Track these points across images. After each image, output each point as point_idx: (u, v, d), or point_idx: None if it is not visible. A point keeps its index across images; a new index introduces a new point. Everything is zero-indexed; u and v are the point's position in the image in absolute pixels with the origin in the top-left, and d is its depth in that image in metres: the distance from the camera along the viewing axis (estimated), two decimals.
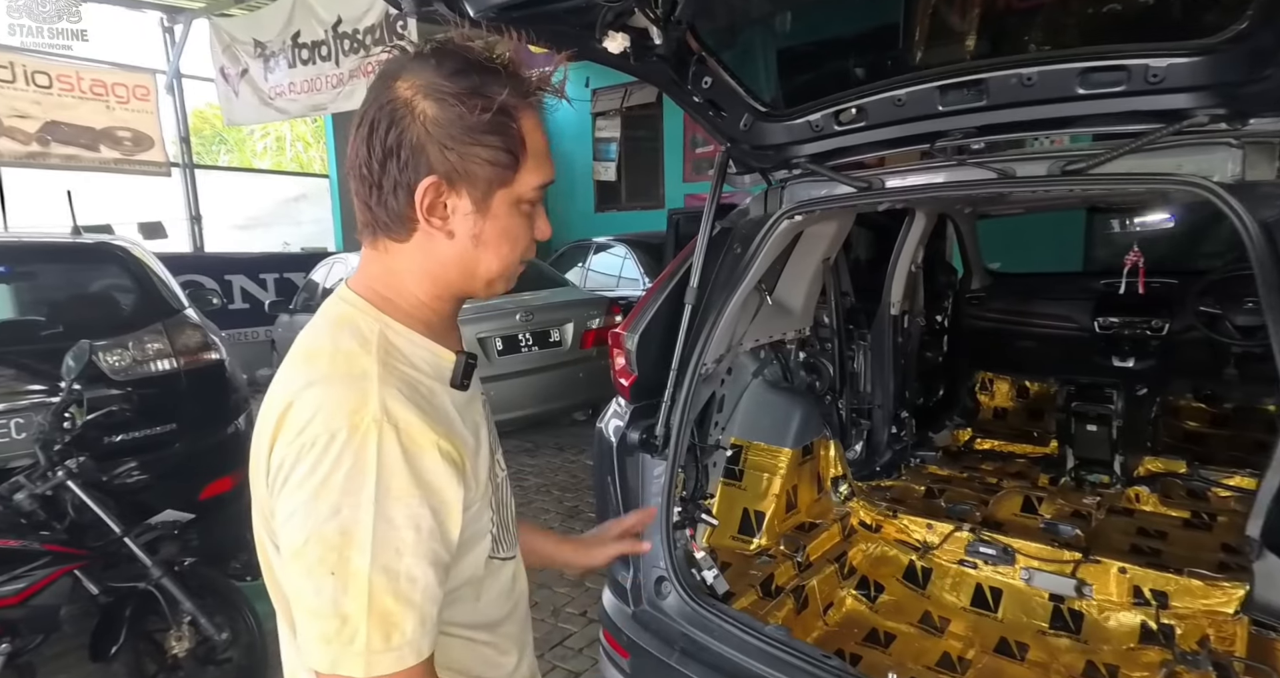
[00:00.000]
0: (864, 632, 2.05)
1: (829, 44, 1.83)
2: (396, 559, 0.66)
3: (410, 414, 0.69)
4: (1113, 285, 3.35)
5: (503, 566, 0.86)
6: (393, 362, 0.73)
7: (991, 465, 3.08)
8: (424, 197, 0.72)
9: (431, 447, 0.69)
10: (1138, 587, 1.97)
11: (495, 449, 0.89)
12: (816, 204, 1.78)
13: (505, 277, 0.81)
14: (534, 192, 0.77)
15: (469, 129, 0.71)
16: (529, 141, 0.75)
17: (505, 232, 0.77)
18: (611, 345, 1.88)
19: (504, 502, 0.87)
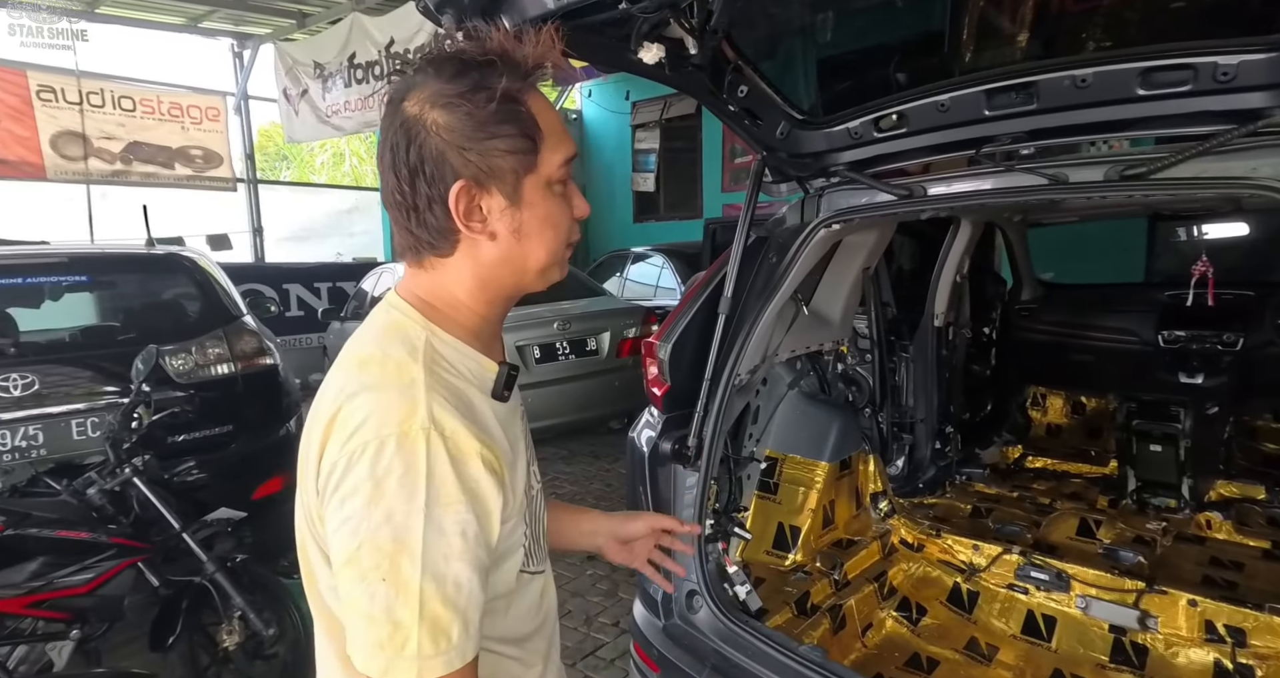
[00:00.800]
0: (905, 656, 1.98)
1: (868, 49, 1.80)
2: (445, 566, 0.67)
3: (456, 422, 0.69)
4: (1179, 297, 3.17)
5: (532, 580, 0.85)
6: (439, 370, 0.74)
7: (1044, 485, 2.95)
8: (458, 203, 0.72)
9: (475, 455, 0.69)
10: (1210, 622, 1.84)
11: (531, 462, 0.88)
12: (854, 212, 1.74)
13: (557, 263, 0.80)
14: (560, 169, 0.77)
15: (480, 125, 0.71)
16: (542, 121, 0.74)
17: (545, 218, 0.76)
18: (644, 355, 1.88)
19: (537, 515, 0.87)
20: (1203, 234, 3.71)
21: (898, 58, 1.68)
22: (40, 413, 2.94)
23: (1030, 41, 1.59)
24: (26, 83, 7.17)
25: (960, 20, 1.66)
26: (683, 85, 1.55)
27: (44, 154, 7.28)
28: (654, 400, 1.87)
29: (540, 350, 4.85)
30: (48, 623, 2.17)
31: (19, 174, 7.23)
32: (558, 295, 5.21)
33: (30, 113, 7.20)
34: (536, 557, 0.85)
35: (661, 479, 1.84)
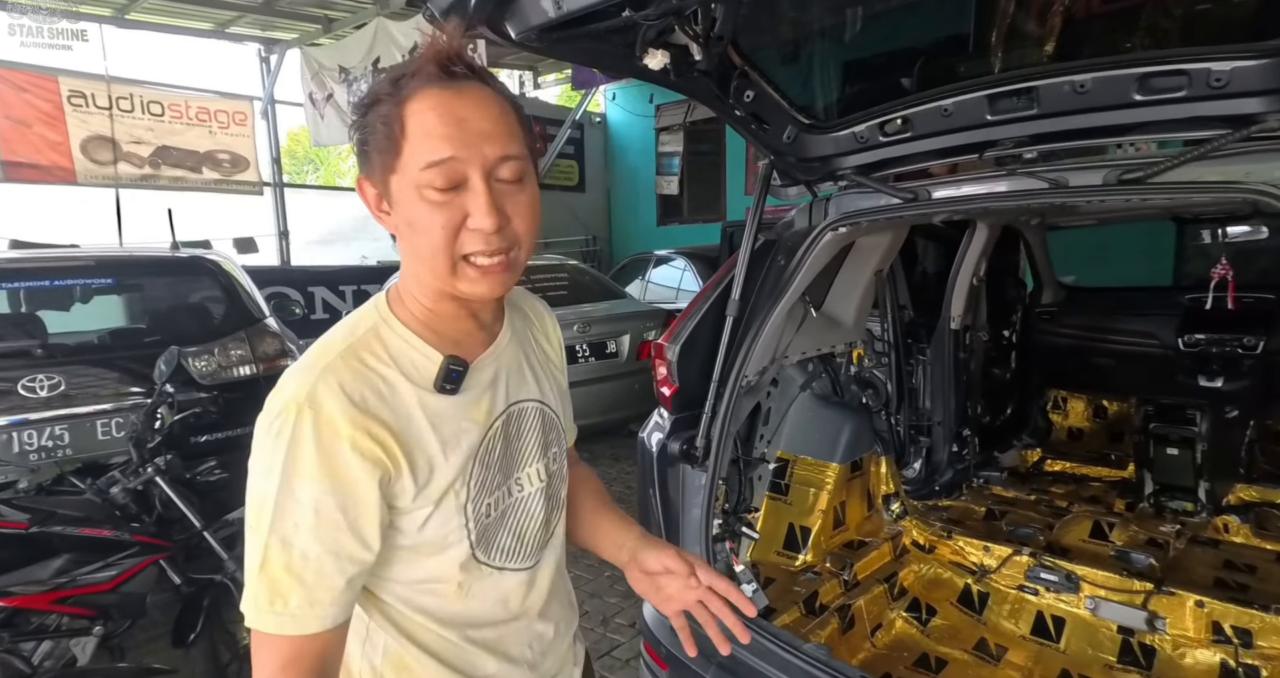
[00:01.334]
0: (914, 656, 1.99)
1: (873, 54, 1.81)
2: (294, 533, 0.72)
3: (337, 404, 0.73)
4: (1199, 300, 3.14)
5: (495, 574, 0.87)
6: (365, 354, 0.78)
7: (1062, 489, 2.93)
8: (362, 192, 0.80)
9: (344, 438, 0.72)
10: (1217, 623, 1.83)
11: (528, 464, 0.90)
12: (861, 216, 1.75)
13: (441, 267, 0.76)
14: (426, 173, 0.72)
15: (370, 122, 0.75)
16: (414, 122, 0.72)
17: (410, 222, 0.75)
18: (654, 356, 1.90)
19: (525, 512, 0.89)
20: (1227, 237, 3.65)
21: (902, 62, 1.69)
22: (67, 413, 3.02)
23: (1031, 47, 1.59)
24: (58, 88, 7.33)
25: (963, 26, 1.67)
26: (689, 91, 1.57)
27: (75, 158, 7.44)
28: (663, 401, 1.89)
29: None
30: (72, 619, 2.22)
31: (51, 178, 7.40)
32: (578, 298, 5.26)
33: (62, 118, 7.37)
34: (509, 553, 0.87)
35: (670, 480, 1.86)
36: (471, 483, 0.82)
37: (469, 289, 0.78)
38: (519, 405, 0.89)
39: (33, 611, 2.15)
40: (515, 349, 0.91)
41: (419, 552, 0.81)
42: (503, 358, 0.88)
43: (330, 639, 0.75)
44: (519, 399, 0.90)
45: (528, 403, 0.91)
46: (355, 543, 0.74)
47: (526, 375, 0.92)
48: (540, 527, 0.91)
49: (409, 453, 0.76)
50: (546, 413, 0.94)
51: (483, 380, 0.85)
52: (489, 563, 0.86)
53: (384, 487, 0.75)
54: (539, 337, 0.99)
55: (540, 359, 0.97)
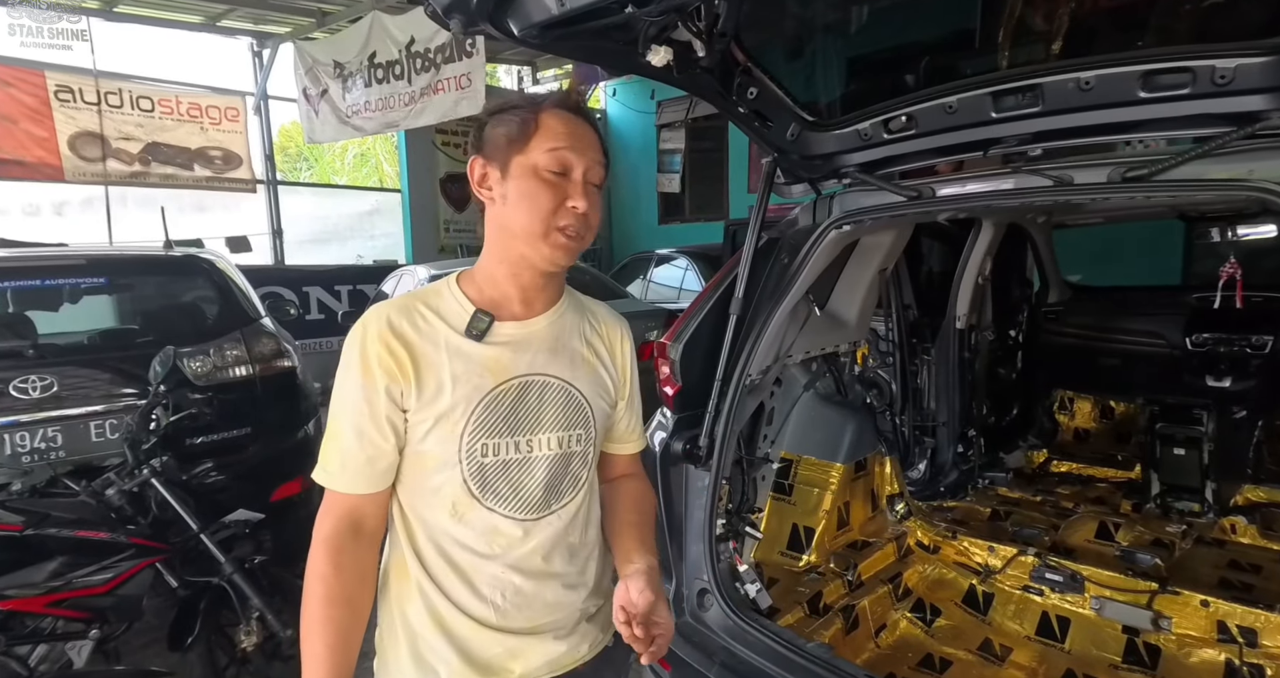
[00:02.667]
0: (919, 657, 1.97)
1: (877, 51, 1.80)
2: (340, 414, 0.98)
3: (378, 325, 0.97)
4: (1207, 300, 3.12)
5: (490, 514, 1.01)
6: (416, 299, 1.02)
7: (1068, 489, 2.92)
8: (472, 171, 1.02)
9: (374, 349, 0.96)
10: (1223, 622, 1.83)
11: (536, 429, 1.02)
12: (864, 214, 1.74)
13: (538, 234, 0.97)
14: (547, 155, 0.97)
15: (504, 118, 1.00)
16: (544, 126, 0.98)
17: (524, 192, 0.97)
18: (656, 355, 1.88)
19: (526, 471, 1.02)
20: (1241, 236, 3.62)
21: (906, 59, 1.67)
22: (59, 415, 2.97)
23: (1036, 44, 1.57)
24: (45, 83, 7.20)
25: (968, 22, 1.65)
26: (692, 87, 1.55)
27: (62, 155, 7.33)
28: (665, 401, 1.87)
29: None
30: (67, 622, 2.19)
31: (38, 176, 7.29)
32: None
33: (49, 113, 7.24)
34: (505, 499, 1.01)
35: (673, 480, 1.84)
36: (472, 418, 0.98)
37: (550, 253, 0.99)
38: (543, 377, 1.03)
39: (28, 614, 2.13)
40: (554, 331, 1.06)
41: (423, 463, 0.99)
42: (538, 331, 1.04)
43: (359, 503, 0.98)
44: (544, 372, 1.03)
45: (552, 379, 1.04)
46: (373, 428, 0.97)
47: (561, 357, 1.05)
48: (540, 490, 1.03)
49: (419, 371, 0.96)
50: (574, 395, 1.05)
51: (511, 341, 1.02)
52: (480, 500, 1.00)
53: (394, 394, 0.96)
54: (596, 338, 1.12)
55: (588, 354, 1.09)
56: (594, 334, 1.12)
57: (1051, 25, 1.53)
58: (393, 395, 0.96)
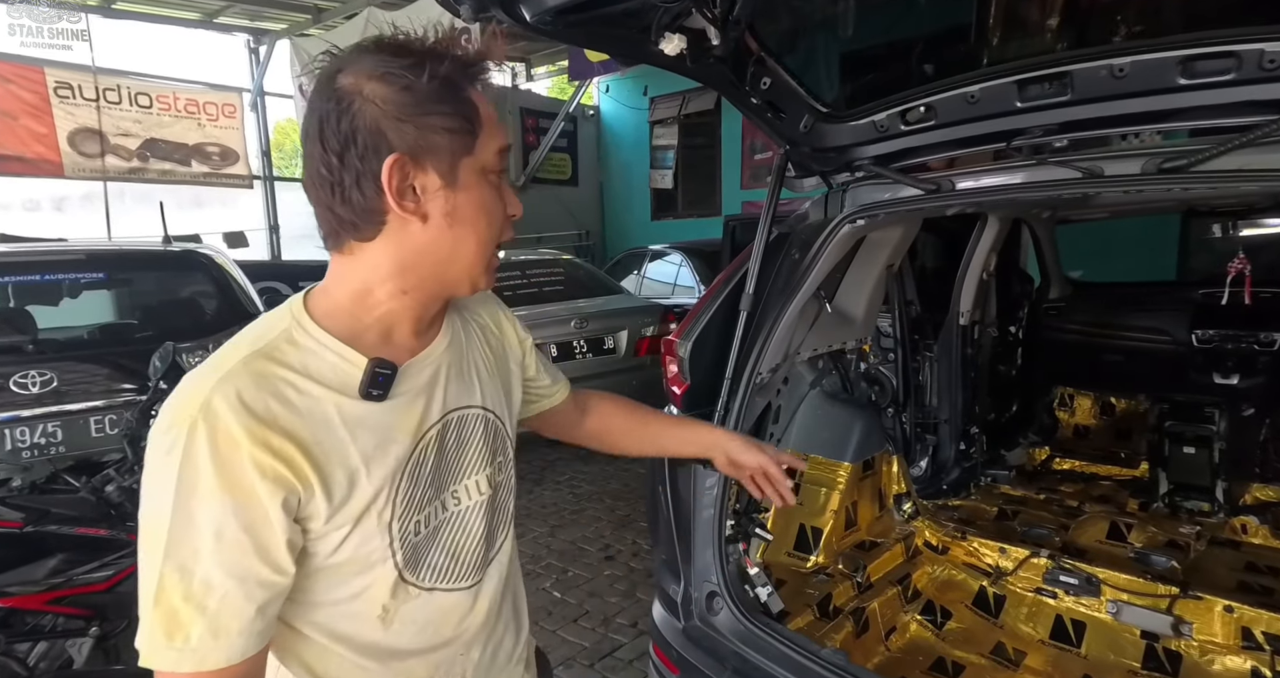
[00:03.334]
0: (930, 660, 1.94)
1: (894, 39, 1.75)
2: (193, 560, 0.65)
3: (235, 415, 0.66)
4: (1213, 296, 3.09)
5: (430, 595, 0.82)
6: (268, 360, 0.71)
7: (1072, 487, 2.88)
8: (390, 178, 0.70)
9: (244, 453, 0.66)
10: (1248, 629, 1.79)
11: (476, 471, 0.86)
12: (880, 208, 1.70)
13: (484, 260, 0.78)
14: (496, 158, 0.76)
15: (420, 100, 0.70)
16: (481, 110, 0.74)
17: (480, 205, 0.75)
18: (664, 353, 1.84)
19: (461, 528, 0.84)
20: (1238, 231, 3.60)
21: (925, 48, 1.63)
22: (59, 410, 2.95)
23: (1063, 29, 1.53)
24: (44, 79, 7.18)
25: (989, 7, 1.61)
26: (704, 78, 1.51)
27: (62, 151, 7.30)
28: (673, 399, 1.83)
29: (557, 349, 4.83)
30: (68, 620, 2.17)
31: (38, 172, 7.27)
32: (574, 293, 5.20)
33: (48, 110, 7.22)
34: (442, 572, 0.83)
35: (681, 480, 1.80)
36: (398, 499, 0.76)
37: (486, 281, 0.79)
38: (459, 413, 0.85)
39: (28, 611, 2.10)
40: (455, 352, 0.86)
41: (337, 573, 0.75)
42: (441, 361, 0.83)
43: (240, 674, 0.68)
44: (459, 406, 0.85)
45: (470, 410, 0.86)
46: (264, 567, 0.68)
47: (470, 380, 0.87)
48: (480, 544, 0.87)
49: (322, 469, 0.70)
50: (491, 420, 0.89)
51: (416, 385, 0.80)
52: (418, 584, 0.81)
53: (292, 507, 0.69)
54: (485, 335, 0.94)
55: (486, 361, 0.91)
56: (485, 331, 0.95)
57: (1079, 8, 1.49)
58: (289, 511, 0.69)
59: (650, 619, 1.94)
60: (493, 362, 0.93)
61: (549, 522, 4.13)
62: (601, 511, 4.29)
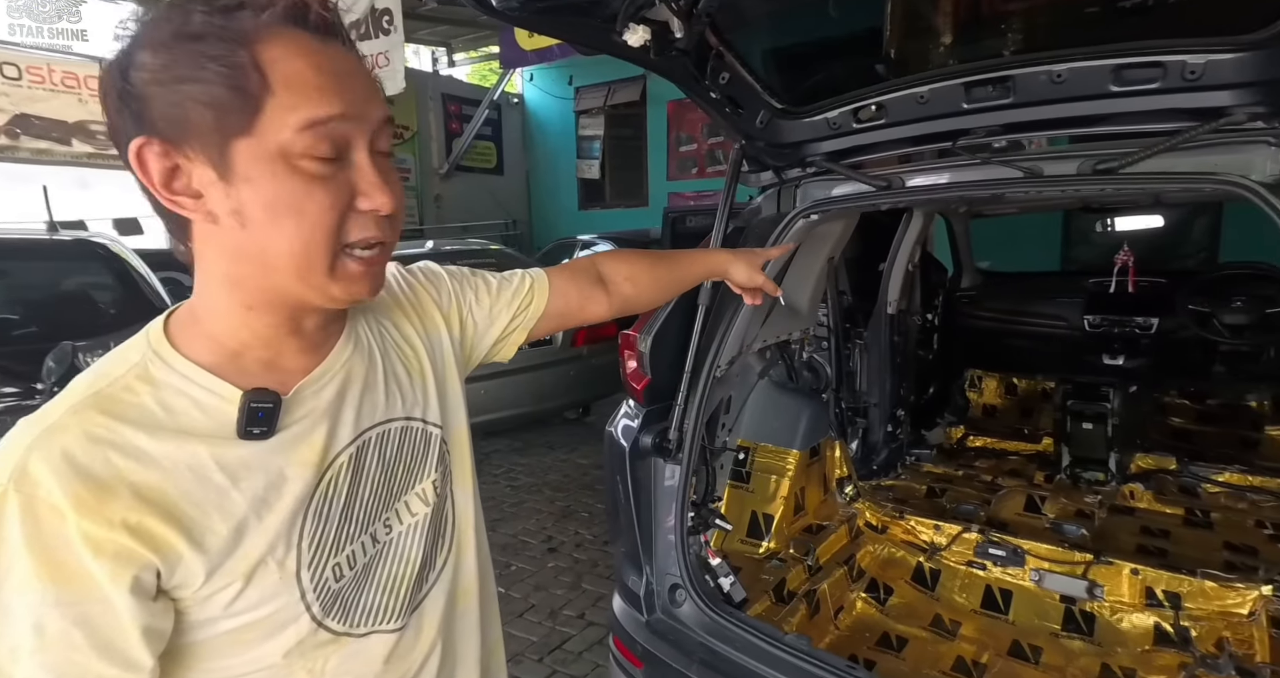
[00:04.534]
0: (876, 636, 2.03)
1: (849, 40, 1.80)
2: (10, 662, 0.53)
3: (59, 480, 0.53)
4: (1102, 284, 3.41)
5: (364, 641, 0.70)
6: (110, 404, 0.58)
7: (986, 463, 3.09)
8: (142, 164, 0.56)
9: (71, 530, 0.53)
10: (1150, 588, 1.97)
11: (398, 495, 0.74)
12: (835, 203, 1.75)
13: (317, 266, 0.60)
14: (304, 136, 0.56)
15: (176, 62, 0.54)
16: (278, 70, 0.55)
17: (274, 202, 0.57)
18: (622, 347, 1.83)
19: (398, 556, 0.73)
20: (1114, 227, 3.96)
21: (878, 48, 1.68)
22: None
23: (1008, 35, 1.62)
24: None
25: (940, 12, 1.67)
26: (666, 70, 1.50)
27: None
28: (633, 394, 1.83)
29: None
30: None
31: None
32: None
33: None
34: (383, 611, 0.72)
35: (641, 473, 1.81)
36: (304, 545, 0.64)
37: (346, 292, 0.63)
38: (378, 430, 0.72)
39: None
40: (363, 362, 0.72)
41: (238, 641, 0.62)
42: (344, 375, 0.70)
43: None
44: (377, 422, 0.72)
45: (391, 424, 0.74)
46: (105, 664, 0.54)
47: (387, 390, 0.74)
48: (421, 569, 0.75)
49: (192, 529, 0.57)
50: (421, 428, 0.77)
51: (314, 409, 0.67)
52: (351, 632, 0.69)
53: (148, 586, 0.56)
54: (407, 333, 0.80)
55: (406, 366, 0.78)
56: (404, 319, 0.81)
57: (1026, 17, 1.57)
58: (143, 592, 0.56)
59: (610, 613, 1.94)
60: (413, 358, 0.79)
61: (489, 516, 3.98)
62: (541, 502, 4.25)
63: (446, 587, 0.80)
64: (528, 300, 0.94)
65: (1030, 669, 1.87)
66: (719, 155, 9.04)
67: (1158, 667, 1.82)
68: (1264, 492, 2.58)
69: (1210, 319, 3.15)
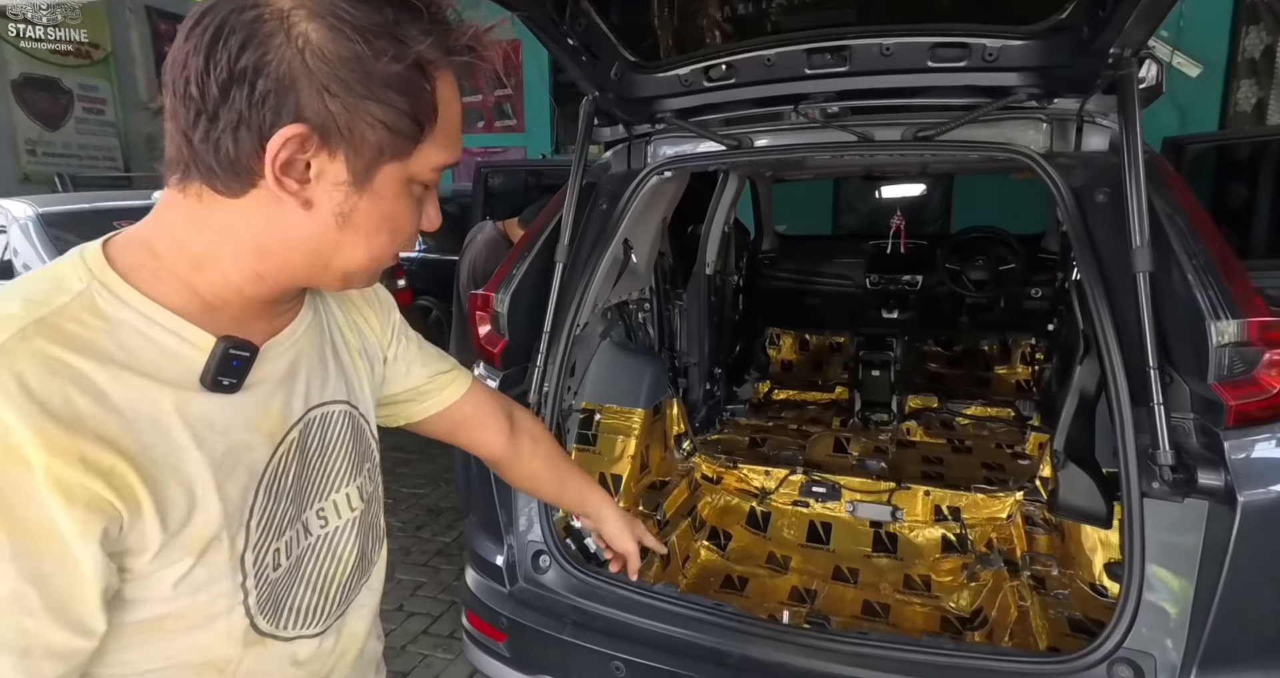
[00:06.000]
0: (719, 580, 2.15)
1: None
2: None
3: (20, 414, 0.46)
4: (880, 246, 3.90)
5: (288, 646, 0.65)
6: (61, 335, 0.50)
7: (791, 413, 3.40)
8: (280, 149, 0.52)
9: (37, 473, 0.46)
10: (939, 506, 2.30)
11: (329, 490, 0.68)
12: (688, 161, 1.76)
13: (370, 272, 0.63)
14: (433, 173, 0.60)
15: (369, 77, 0.53)
16: (442, 111, 0.58)
17: (388, 217, 0.59)
18: (474, 309, 1.71)
19: (331, 555, 0.68)
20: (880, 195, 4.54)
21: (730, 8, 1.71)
22: None
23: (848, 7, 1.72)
24: None
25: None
26: (524, 5, 1.39)
27: None
28: (488, 357, 1.72)
29: None
30: None
31: None
32: None
33: None
34: (311, 613, 0.66)
35: None
36: (253, 522, 0.59)
37: (363, 284, 0.66)
38: (321, 410, 0.68)
39: None
40: (316, 334, 0.69)
41: (160, 631, 0.56)
42: (300, 345, 0.66)
43: None
44: (321, 401, 0.68)
45: (333, 406, 0.70)
46: (58, 628, 0.48)
47: (331, 368, 0.71)
48: (353, 571, 0.71)
49: (155, 484, 0.52)
50: (356, 418, 0.73)
51: (273, 374, 0.63)
52: (277, 634, 0.63)
53: (112, 540, 0.50)
54: (352, 319, 0.78)
55: (348, 349, 0.75)
56: (352, 314, 0.78)
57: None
58: (107, 546, 0.50)
59: (464, 587, 1.84)
60: (353, 344, 0.76)
61: None
62: None
63: (374, 594, 0.77)
64: (447, 381, 0.91)
65: (851, 589, 2.11)
66: (506, 109, 8.71)
67: (946, 570, 2.15)
68: (999, 420, 3.13)
69: (960, 275, 3.75)
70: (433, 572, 3.10)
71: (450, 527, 3.50)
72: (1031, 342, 3.68)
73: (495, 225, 3.21)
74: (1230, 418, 1.18)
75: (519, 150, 8.33)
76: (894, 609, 1.95)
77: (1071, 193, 1.47)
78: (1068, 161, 1.55)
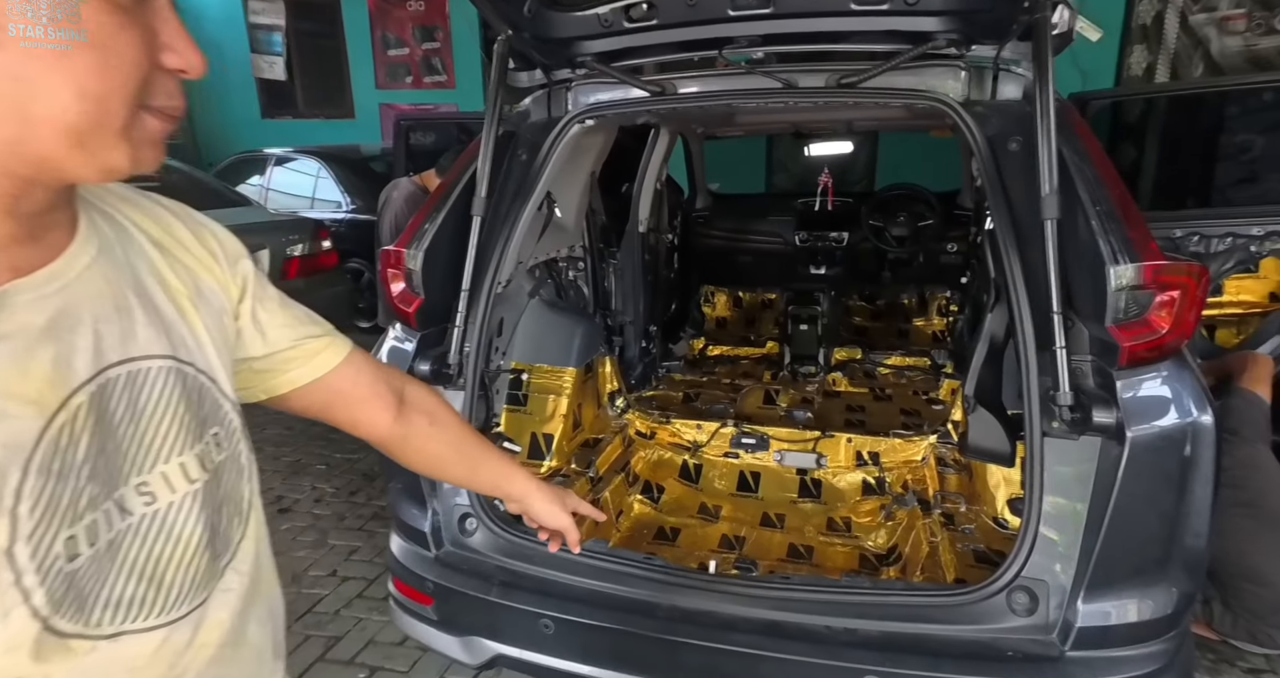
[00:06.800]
0: (653, 532, 2.18)
1: None
2: None
3: None
4: (808, 204, 3.93)
5: (115, 644, 0.54)
6: None
7: (724, 368, 3.43)
8: None
9: None
10: (859, 452, 2.38)
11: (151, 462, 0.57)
12: (609, 108, 1.69)
13: (108, 125, 0.47)
14: None
15: None
16: None
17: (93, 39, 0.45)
18: (385, 267, 1.62)
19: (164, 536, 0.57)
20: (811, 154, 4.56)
21: None
22: None
23: None
24: None
25: None
26: None
27: None
28: (404, 317, 1.64)
29: None
30: None
31: None
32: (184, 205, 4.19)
33: None
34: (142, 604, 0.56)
35: None
36: (22, 508, 0.48)
37: (133, 158, 0.49)
38: (128, 367, 0.56)
39: None
40: (105, 278, 0.56)
41: None
42: (77, 289, 0.54)
43: None
44: (127, 357, 0.56)
45: (148, 362, 0.58)
46: None
47: (139, 319, 0.58)
48: (200, 553, 0.60)
49: None
50: (190, 376, 0.61)
51: (31, 324, 0.50)
52: (87, 633, 0.52)
53: None
54: (178, 262, 0.65)
55: (168, 296, 0.62)
56: (171, 252, 0.65)
57: None
58: None
59: (389, 555, 1.79)
60: (178, 291, 0.63)
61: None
62: (264, 461, 3.72)
63: (244, 576, 0.66)
64: (318, 347, 0.77)
65: (778, 534, 2.16)
66: (436, 64, 8.27)
67: (865, 511, 2.23)
68: (916, 369, 3.24)
69: (883, 232, 3.82)
70: (368, 536, 3.04)
71: (385, 492, 3.41)
72: (946, 294, 3.80)
73: (411, 179, 3.07)
74: (1124, 358, 1.24)
75: (451, 107, 7.95)
76: (817, 550, 2.02)
77: (986, 142, 1.48)
78: (983, 110, 1.56)
